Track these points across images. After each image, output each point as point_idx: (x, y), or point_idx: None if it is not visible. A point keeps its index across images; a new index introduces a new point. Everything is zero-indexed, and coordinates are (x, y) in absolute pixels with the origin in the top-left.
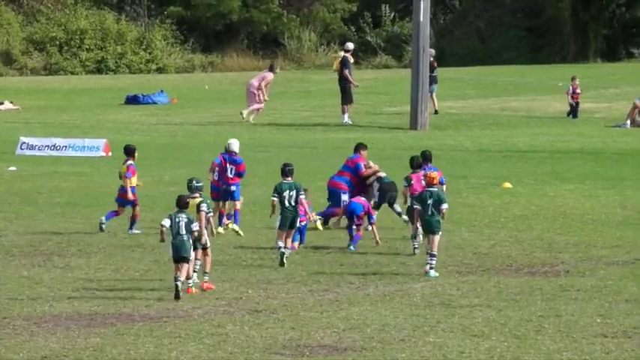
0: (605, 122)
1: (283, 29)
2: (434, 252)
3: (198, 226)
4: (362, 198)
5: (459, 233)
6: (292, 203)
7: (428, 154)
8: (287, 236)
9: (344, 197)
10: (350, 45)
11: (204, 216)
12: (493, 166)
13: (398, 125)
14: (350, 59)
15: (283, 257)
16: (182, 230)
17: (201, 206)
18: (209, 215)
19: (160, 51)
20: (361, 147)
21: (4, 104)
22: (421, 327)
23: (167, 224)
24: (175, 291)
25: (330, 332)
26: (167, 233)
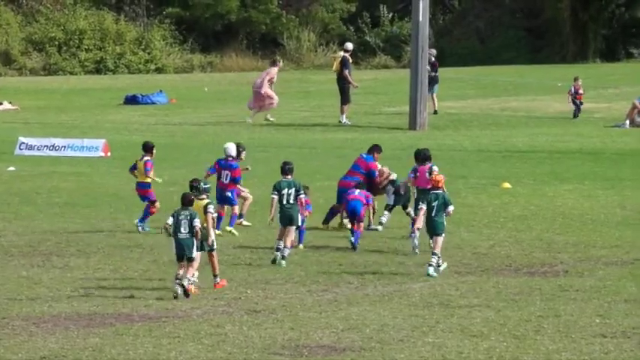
0: (604, 122)
1: (282, 29)
2: (436, 252)
3: (199, 222)
4: (359, 193)
5: (458, 233)
6: (290, 201)
7: (427, 154)
8: (287, 234)
9: None
10: (349, 45)
11: (211, 218)
12: (492, 167)
13: (397, 125)
14: (349, 59)
15: (277, 258)
16: (185, 227)
17: (208, 208)
18: (214, 215)
19: (159, 51)
20: (376, 149)
21: (3, 104)
22: (420, 327)
23: (170, 222)
24: (182, 289)
25: (329, 332)
26: (172, 231)
